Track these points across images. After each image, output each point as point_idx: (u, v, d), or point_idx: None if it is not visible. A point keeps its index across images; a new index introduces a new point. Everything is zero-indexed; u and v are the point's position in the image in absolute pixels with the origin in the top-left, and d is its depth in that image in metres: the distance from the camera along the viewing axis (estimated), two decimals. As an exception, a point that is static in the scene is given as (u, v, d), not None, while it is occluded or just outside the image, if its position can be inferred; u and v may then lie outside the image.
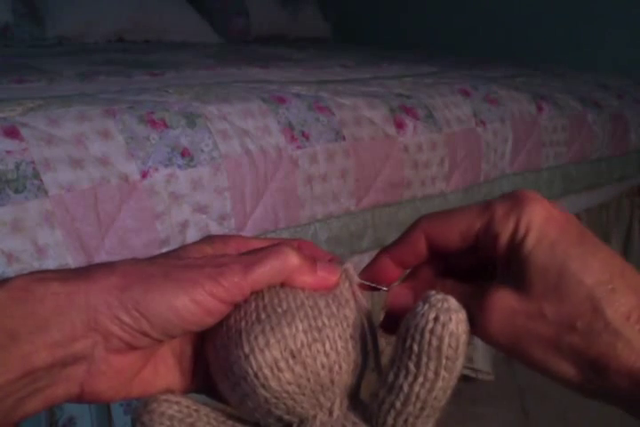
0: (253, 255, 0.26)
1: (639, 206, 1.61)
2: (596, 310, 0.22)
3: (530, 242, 0.24)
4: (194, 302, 0.24)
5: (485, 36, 2.19)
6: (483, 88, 1.23)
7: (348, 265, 0.29)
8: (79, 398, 0.24)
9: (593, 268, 0.23)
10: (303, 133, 0.93)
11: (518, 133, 1.22)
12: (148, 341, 0.24)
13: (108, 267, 0.24)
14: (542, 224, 0.24)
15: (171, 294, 0.23)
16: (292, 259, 0.26)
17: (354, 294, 0.27)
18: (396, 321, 0.25)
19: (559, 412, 1.29)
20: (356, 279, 0.28)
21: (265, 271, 0.25)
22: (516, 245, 0.24)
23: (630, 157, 1.48)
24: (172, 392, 0.27)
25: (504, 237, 0.25)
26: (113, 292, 0.23)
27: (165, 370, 0.27)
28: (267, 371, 0.23)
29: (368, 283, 0.29)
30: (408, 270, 0.30)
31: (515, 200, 0.25)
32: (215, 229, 0.85)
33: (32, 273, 0.24)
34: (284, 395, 0.23)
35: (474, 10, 2.24)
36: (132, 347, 0.24)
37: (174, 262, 0.25)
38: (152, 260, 0.26)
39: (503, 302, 0.24)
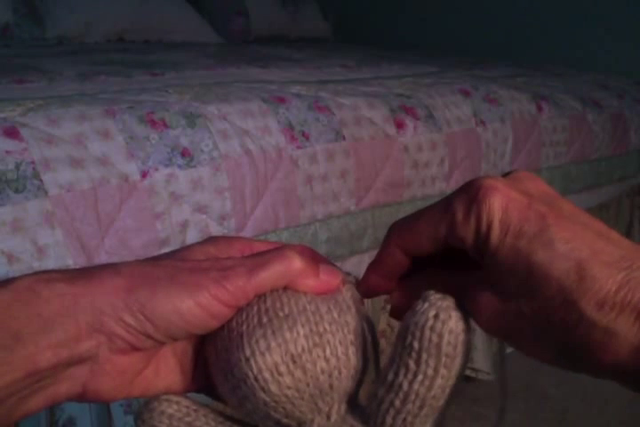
0: (257, 259, 0.26)
1: (639, 206, 1.61)
2: (569, 303, 0.22)
3: (493, 241, 0.23)
4: (199, 306, 0.24)
5: (485, 36, 2.19)
6: (483, 88, 1.23)
7: (351, 277, 0.29)
8: (81, 397, 0.25)
9: (558, 257, 0.22)
10: (303, 133, 0.93)
11: (518, 133, 1.22)
12: (152, 342, 0.24)
13: (113, 268, 0.24)
14: (502, 217, 0.23)
15: (176, 298, 0.24)
16: (296, 263, 0.26)
17: (355, 301, 0.27)
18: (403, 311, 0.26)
19: (559, 412, 1.29)
20: (357, 294, 0.28)
21: (269, 275, 0.25)
22: (481, 246, 0.24)
23: (630, 157, 1.48)
24: (174, 393, 0.27)
25: (469, 239, 0.24)
26: (118, 294, 0.23)
27: (166, 370, 0.27)
28: (267, 375, 0.23)
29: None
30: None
31: (472, 194, 0.24)
32: (215, 229, 0.85)
33: (37, 273, 0.24)
34: (283, 399, 0.24)
35: (474, 10, 2.24)
36: (135, 348, 0.24)
37: (180, 265, 0.25)
38: (157, 262, 0.26)
39: (487, 304, 0.24)
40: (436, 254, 0.27)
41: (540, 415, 1.28)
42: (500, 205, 0.23)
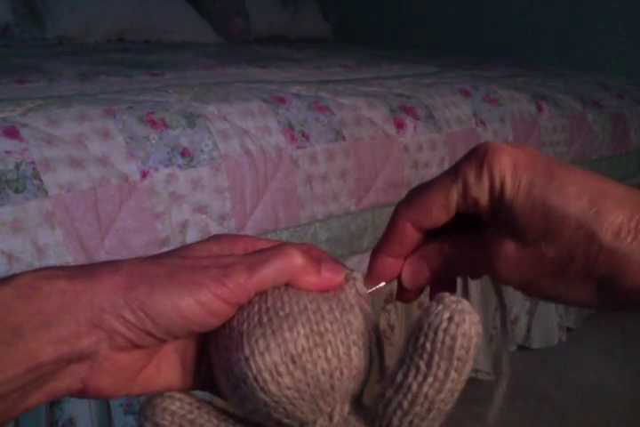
0: (258, 256, 0.26)
1: (639, 206, 1.60)
2: (588, 236, 0.24)
3: (508, 195, 0.25)
4: (198, 304, 0.24)
5: (485, 36, 2.19)
6: (483, 88, 1.23)
7: (356, 274, 0.28)
8: (81, 393, 0.25)
9: (571, 198, 0.24)
10: (303, 133, 0.93)
11: (518, 133, 1.22)
12: (152, 340, 0.24)
13: (113, 266, 0.24)
14: (513, 174, 0.25)
15: (176, 295, 0.24)
16: (297, 259, 0.26)
17: (359, 300, 0.27)
18: (410, 291, 0.29)
19: (559, 412, 1.29)
20: (364, 290, 0.28)
21: (270, 272, 0.25)
22: (496, 202, 0.26)
23: (630, 157, 1.48)
24: (176, 390, 0.27)
25: (483, 198, 0.26)
26: (118, 291, 0.23)
27: (168, 367, 0.27)
28: (266, 375, 0.23)
29: (376, 288, 0.29)
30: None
31: (480, 157, 0.26)
32: (215, 229, 0.85)
33: (38, 270, 0.24)
34: (283, 399, 0.23)
35: (474, 10, 2.24)
36: (135, 345, 0.24)
37: (180, 263, 0.25)
38: (157, 259, 0.26)
39: (506, 253, 0.26)
40: (440, 233, 0.28)
41: (540, 415, 1.28)
42: (508, 162, 0.25)
